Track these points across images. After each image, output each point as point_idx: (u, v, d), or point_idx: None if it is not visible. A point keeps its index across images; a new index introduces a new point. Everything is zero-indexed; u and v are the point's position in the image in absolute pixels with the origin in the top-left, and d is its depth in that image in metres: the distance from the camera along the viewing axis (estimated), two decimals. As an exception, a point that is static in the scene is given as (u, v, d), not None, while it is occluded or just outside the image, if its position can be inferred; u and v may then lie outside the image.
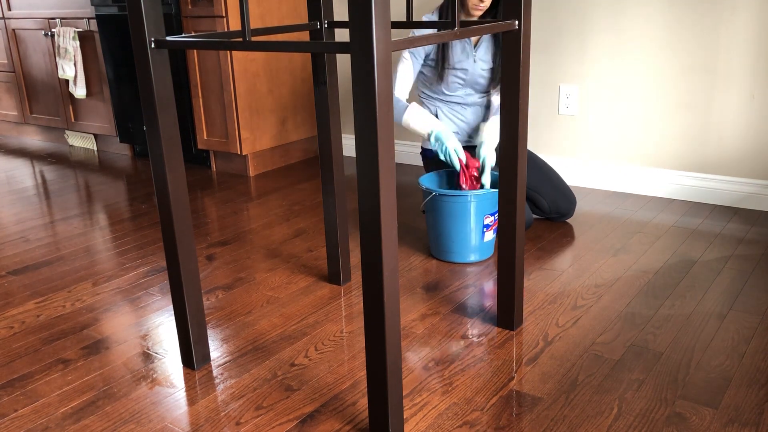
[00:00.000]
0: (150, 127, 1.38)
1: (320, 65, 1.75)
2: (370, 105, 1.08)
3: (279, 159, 3.29)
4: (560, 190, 2.33)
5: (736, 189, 2.48)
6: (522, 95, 1.51)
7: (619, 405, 1.39)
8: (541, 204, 2.33)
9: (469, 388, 1.47)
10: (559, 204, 2.33)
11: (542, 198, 2.32)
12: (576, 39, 2.67)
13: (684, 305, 1.79)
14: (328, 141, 1.81)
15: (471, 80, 2.25)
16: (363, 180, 1.13)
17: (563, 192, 2.34)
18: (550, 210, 2.34)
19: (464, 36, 1.31)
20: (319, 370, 1.56)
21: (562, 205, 2.33)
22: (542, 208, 2.34)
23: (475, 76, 2.25)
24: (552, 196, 2.32)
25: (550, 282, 1.95)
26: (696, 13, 2.40)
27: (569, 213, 2.36)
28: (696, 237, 2.23)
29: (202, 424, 1.38)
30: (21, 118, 4.02)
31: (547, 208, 2.34)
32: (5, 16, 3.78)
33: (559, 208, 2.34)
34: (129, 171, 3.34)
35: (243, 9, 1.20)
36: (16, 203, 2.88)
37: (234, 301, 1.91)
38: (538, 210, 2.37)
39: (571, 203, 2.35)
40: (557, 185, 2.33)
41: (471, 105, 2.31)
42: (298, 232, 2.42)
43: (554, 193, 2.32)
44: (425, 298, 1.88)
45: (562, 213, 2.35)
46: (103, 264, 2.20)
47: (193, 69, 3.08)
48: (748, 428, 1.30)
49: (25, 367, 1.61)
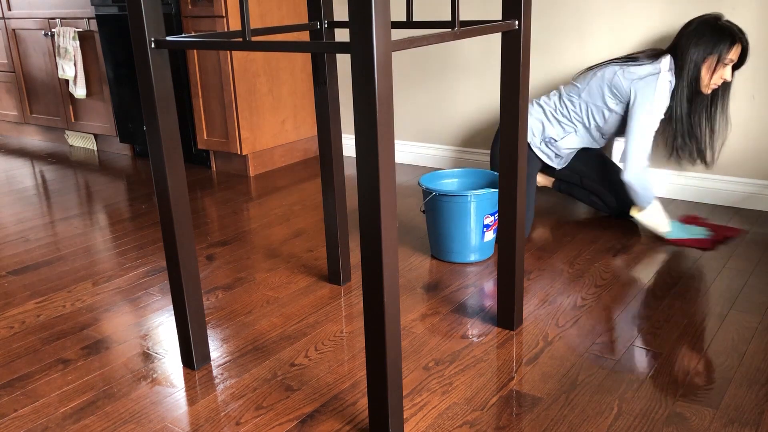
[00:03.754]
0: (150, 127, 1.38)
1: (320, 65, 1.75)
2: (370, 105, 1.08)
3: (279, 159, 3.29)
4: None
5: (736, 189, 2.48)
6: (522, 95, 1.51)
7: (619, 405, 1.39)
8: (608, 200, 2.39)
9: (469, 388, 1.47)
10: (626, 203, 2.36)
11: (610, 195, 2.38)
12: (576, 39, 2.67)
13: (684, 305, 1.79)
14: (328, 141, 1.81)
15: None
16: (363, 180, 1.13)
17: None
18: (616, 206, 2.39)
19: (464, 36, 1.31)
20: (319, 370, 1.56)
21: (628, 204, 2.36)
22: (608, 204, 2.40)
23: None
24: (621, 194, 2.37)
25: (550, 282, 1.95)
26: (696, 12, 2.40)
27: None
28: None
29: (202, 424, 1.38)
30: (21, 118, 4.02)
31: (613, 205, 2.39)
32: (5, 16, 3.78)
33: (625, 207, 2.38)
34: (129, 171, 3.34)
35: (243, 9, 1.20)
36: (16, 203, 2.88)
37: (234, 301, 1.92)
38: (603, 205, 2.42)
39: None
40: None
41: (605, 140, 2.38)
42: (298, 232, 2.42)
43: (624, 191, 2.36)
44: (425, 298, 1.88)
45: (626, 211, 2.39)
46: (103, 264, 2.20)
47: (193, 69, 3.08)
48: (748, 428, 1.30)
49: (25, 367, 1.61)
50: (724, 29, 2.13)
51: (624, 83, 2.19)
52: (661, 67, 2.17)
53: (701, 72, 2.16)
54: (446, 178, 2.24)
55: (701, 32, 2.15)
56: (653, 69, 2.17)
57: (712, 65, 2.15)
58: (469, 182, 2.25)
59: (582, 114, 2.29)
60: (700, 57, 2.15)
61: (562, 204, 2.59)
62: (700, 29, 2.16)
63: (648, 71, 2.17)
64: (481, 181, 2.23)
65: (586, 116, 2.29)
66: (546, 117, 2.32)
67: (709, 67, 2.16)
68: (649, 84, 2.15)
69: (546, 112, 2.33)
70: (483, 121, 2.99)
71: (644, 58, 2.23)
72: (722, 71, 2.16)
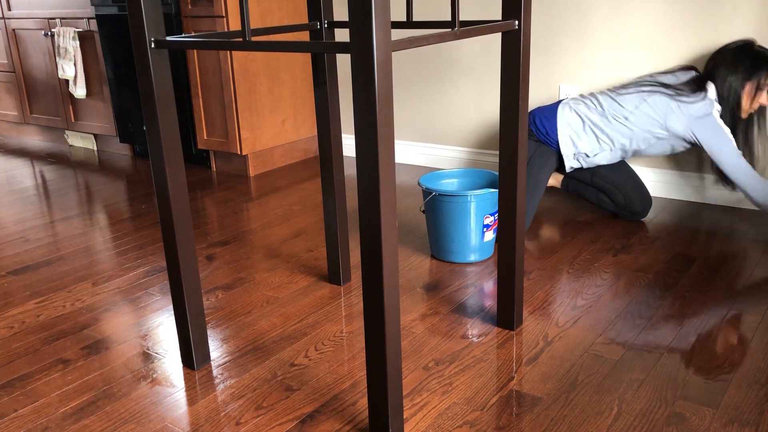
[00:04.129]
0: (150, 127, 1.38)
1: (320, 65, 1.75)
2: (370, 105, 1.08)
3: (279, 159, 3.29)
4: (638, 189, 2.37)
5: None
6: (522, 95, 1.51)
7: (619, 405, 1.39)
8: (617, 199, 2.37)
9: (469, 388, 1.47)
10: (635, 203, 2.36)
11: (620, 194, 2.36)
12: (576, 39, 2.67)
13: (684, 305, 1.79)
14: (328, 141, 1.81)
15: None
16: (363, 180, 1.13)
17: (640, 192, 2.37)
18: (625, 206, 2.37)
19: (464, 36, 1.31)
20: (319, 370, 1.56)
21: (637, 204, 2.36)
22: (617, 203, 2.38)
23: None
24: (631, 194, 2.36)
25: (550, 282, 1.95)
26: (696, 11, 2.40)
27: (643, 213, 2.39)
28: (696, 237, 2.23)
29: (202, 424, 1.38)
30: (21, 118, 4.02)
31: (622, 204, 2.37)
32: (5, 16, 3.78)
33: (633, 207, 2.36)
34: (129, 171, 3.34)
35: (243, 9, 1.20)
36: (16, 203, 2.88)
37: (234, 301, 1.92)
38: (611, 204, 2.41)
39: (646, 203, 2.37)
40: (638, 184, 2.37)
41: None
42: (298, 232, 2.42)
43: (634, 191, 2.36)
44: (425, 298, 1.88)
45: (635, 212, 2.38)
46: (103, 264, 2.20)
47: (193, 69, 3.08)
48: (748, 428, 1.30)
49: (25, 367, 1.61)
50: (760, 56, 2.17)
51: (680, 122, 2.19)
52: (712, 101, 2.19)
53: (741, 99, 2.19)
54: (446, 178, 2.24)
55: (739, 60, 2.17)
56: (706, 106, 2.18)
57: (751, 92, 2.18)
58: (469, 182, 2.25)
59: (625, 137, 2.26)
60: (740, 84, 2.17)
61: (563, 204, 2.59)
62: (737, 57, 2.18)
63: (702, 110, 2.17)
64: (481, 181, 2.23)
65: (628, 139, 2.26)
66: (583, 129, 2.28)
67: (748, 94, 2.19)
68: (708, 124, 2.17)
69: (584, 123, 2.28)
70: (483, 121, 2.99)
71: (688, 88, 2.22)
72: (761, 97, 2.19)
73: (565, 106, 2.31)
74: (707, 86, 2.20)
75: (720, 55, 2.22)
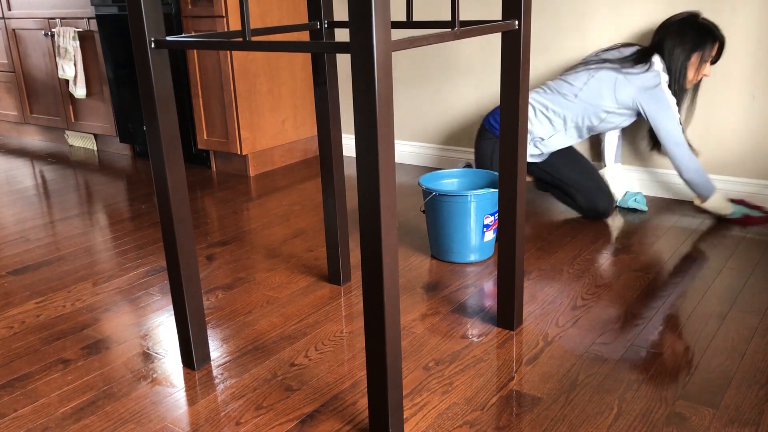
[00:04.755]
0: (150, 127, 1.38)
1: (320, 65, 1.75)
2: (370, 105, 1.08)
3: (279, 159, 3.29)
4: (601, 189, 2.34)
5: (736, 189, 2.48)
6: (522, 95, 1.51)
7: (619, 405, 1.39)
8: (579, 200, 2.35)
9: (469, 388, 1.47)
10: (597, 202, 2.33)
11: (582, 194, 2.34)
12: (576, 39, 2.67)
13: (684, 305, 1.79)
14: (328, 141, 1.81)
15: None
16: (363, 180, 1.13)
17: (603, 192, 2.34)
18: (588, 207, 2.35)
19: (464, 36, 1.31)
20: (319, 370, 1.56)
21: (600, 203, 2.33)
22: (580, 204, 2.36)
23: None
24: (592, 194, 2.33)
25: (550, 282, 1.95)
26: (695, 10, 2.40)
27: (607, 213, 2.36)
28: (696, 237, 2.23)
29: (202, 424, 1.38)
30: (21, 118, 4.02)
31: (585, 205, 2.35)
32: (5, 16, 3.78)
33: (596, 206, 2.33)
34: (129, 171, 3.35)
35: (243, 9, 1.20)
36: (16, 203, 2.88)
37: (234, 301, 1.92)
38: (575, 206, 2.39)
39: (609, 204, 2.34)
40: (599, 184, 2.34)
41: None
42: (298, 232, 2.42)
43: (592, 190, 2.33)
44: (425, 298, 1.88)
45: (600, 212, 2.35)
46: (103, 264, 2.20)
47: (193, 69, 3.08)
48: (748, 428, 1.30)
49: (25, 367, 1.61)
50: (705, 28, 2.22)
51: (627, 92, 2.24)
52: (659, 72, 2.23)
53: (688, 70, 2.25)
54: (446, 178, 2.24)
55: (684, 32, 2.22)
56: (654, 78, 2.22)
57: (697, 63, 2.25)
58: (469, 182, 2.25)
59: (576, 114, 2.30)
60: (687, 56, 2.23)
61: (562, 204, 2.59)
62: (682, 29, 2.23)
63: (651, 82, 2.22)
64: (481, 181, 2.23)
65: (580, 116, 2.30)
66: (535, 115, 2.32)
67: (694, 65, 2.25)
68: (656, 95, 2.21)
69: (535, 109, 2.32)
70: (483, 121, 2.99)
71: (634, 60, 2.27)
72: (704, 68, 2.26)
73: None
74: (653, 58, 2.26)
75: (666, 27, 2.27)
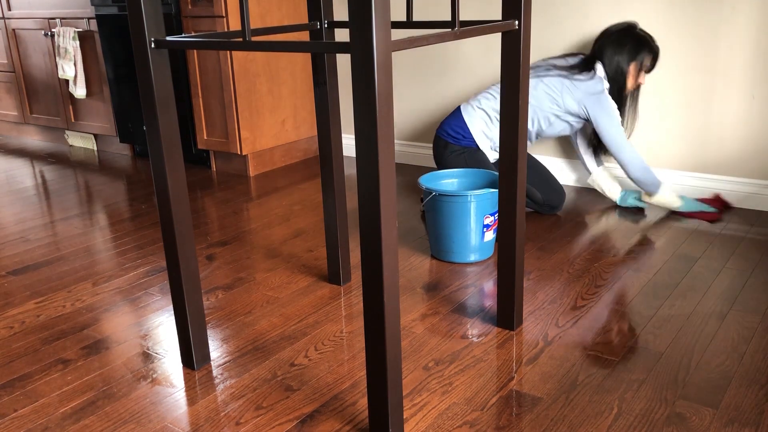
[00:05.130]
0: (150, 127, 1.38)
1: (320, 65, 1.75)
2: (370, 105, 1.08)
3: (279, 159, 3.29)
4: (552, 184, 2.47)
5: (736, 189, 2.48)
6: (522, 95, 1.51)
7: (619, 405, 1.39)
8: (535, 196, 2.45)
9: (469, 388, 1.47)
10: (551, 197, 2.45)
11: (537, 191, 2.45)
12: (576, 39, 2.67)
13: (684, 305, 1.79)
14: (328, 141, 1.81)
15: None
16: (363, 180, 1.13)
17: (554, 186, 2.47)
18: (544, 202, 2.45)
19: (464, 36, 1.31)
20: (319, 370, 1.56)
21: (554, 198, 2.45)
22: (536, 200, 2.46)
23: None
24: (546, 189, 2.45)
25: (550, 282, 1.95)
26: (696, 12, 2.40)
27: (559, 206, 2.48)
28: (696, 237, 2.23)
29: (202, 424, 1.38)
30: (21, 118, 4.02)
31: (541, 200, 2.45)
32: (5, 16, 3.78)
33: (551, 201, 2.45)
34: (129, 171, 3.35)
35: (243, 9, 1.20)
36: (16, 203, 2.88)
37: (234, 301, 1.92)
38: (531, 202, 2.48)
39: (561, 197, 2.47)
40: (549, 180, 2.47)
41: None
42: (298, 232, 2.42)
43: (547, 187, 2.45)
44: (425, 298, 1.88)
45: (554, 206, 2.47)
46: (103, 264, 2.20)
47: (193, 69, 3.08)
48: (748, 428, 1.30)
49: (25, 367, 1.61)
50: (642, 39, 2.35)
51: (574, 98, 2.35)
52: (602, 78, 2.36)
53: (627, 77, 2.38)
54: (446, 178, 2.24)
55: (623, 42, 2.35)
56: (597, 85, 2.34)
57: (635, 71, 2.38)
58: (468, 182, 2.25)
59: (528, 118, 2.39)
60: (626, 64, 2.36)
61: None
62: (621, 39, 2.36)
63: (595, 88, 2.34)
64: (481, 181, 2.23)
65: (530, 120, 2.41)
66: (491, 120, 2.40)
67: (632, 73, 2.38)
68: (600, 101, 2.34)
69: (490, 115, 2.40)
70: (483, 121, 2.99)
71: (578, 67, 2.39)
72: (641, 77, 2.40)
73: (467, 106, 2.44)
74: (596, 65, 2.37)
75: (605, 36, 2.39)
